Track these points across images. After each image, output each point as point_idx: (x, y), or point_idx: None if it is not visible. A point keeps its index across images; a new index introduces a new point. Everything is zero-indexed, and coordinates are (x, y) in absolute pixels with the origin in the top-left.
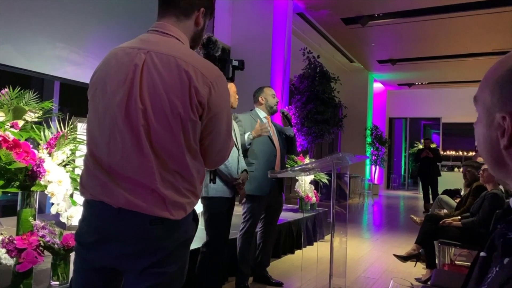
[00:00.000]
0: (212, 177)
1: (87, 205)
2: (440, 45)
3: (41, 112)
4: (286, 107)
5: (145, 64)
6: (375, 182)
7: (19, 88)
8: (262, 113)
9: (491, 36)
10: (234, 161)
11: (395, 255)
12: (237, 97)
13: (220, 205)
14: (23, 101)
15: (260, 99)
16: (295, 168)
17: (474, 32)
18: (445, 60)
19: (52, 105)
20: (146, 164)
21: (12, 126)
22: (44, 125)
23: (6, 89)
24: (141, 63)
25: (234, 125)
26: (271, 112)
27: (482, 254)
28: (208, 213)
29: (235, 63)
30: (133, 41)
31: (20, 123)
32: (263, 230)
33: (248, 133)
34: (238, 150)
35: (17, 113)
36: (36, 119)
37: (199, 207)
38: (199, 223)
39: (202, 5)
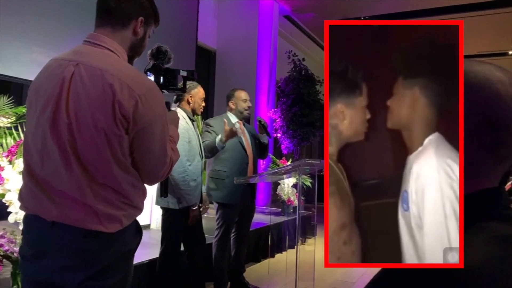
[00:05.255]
0: (163, 191)
1: (24, 219)
2: None
3: (13, 118)
4: (272, 110)
5: (73, 77)
6: None
7: None
8: (233, 118)
9: (476, 39)
10: (198, 171)
11: None
12: (203, 104)
13: (178, 217)
14: None
15: (230, 103)
16: (264, 175)
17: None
18: None
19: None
20: (75, 178)
21: None
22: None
23: None
24: (70, 76)
25: (192, 134)
26: (242, 117)
27: None
28: (166, 224)
29: (184, 73)
30: (68, 52)
31: None
32: (235, 236)
33: (219, 137)
34: (202, 158)
35: None
36: (8, 125)
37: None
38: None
39: (140, 15)
